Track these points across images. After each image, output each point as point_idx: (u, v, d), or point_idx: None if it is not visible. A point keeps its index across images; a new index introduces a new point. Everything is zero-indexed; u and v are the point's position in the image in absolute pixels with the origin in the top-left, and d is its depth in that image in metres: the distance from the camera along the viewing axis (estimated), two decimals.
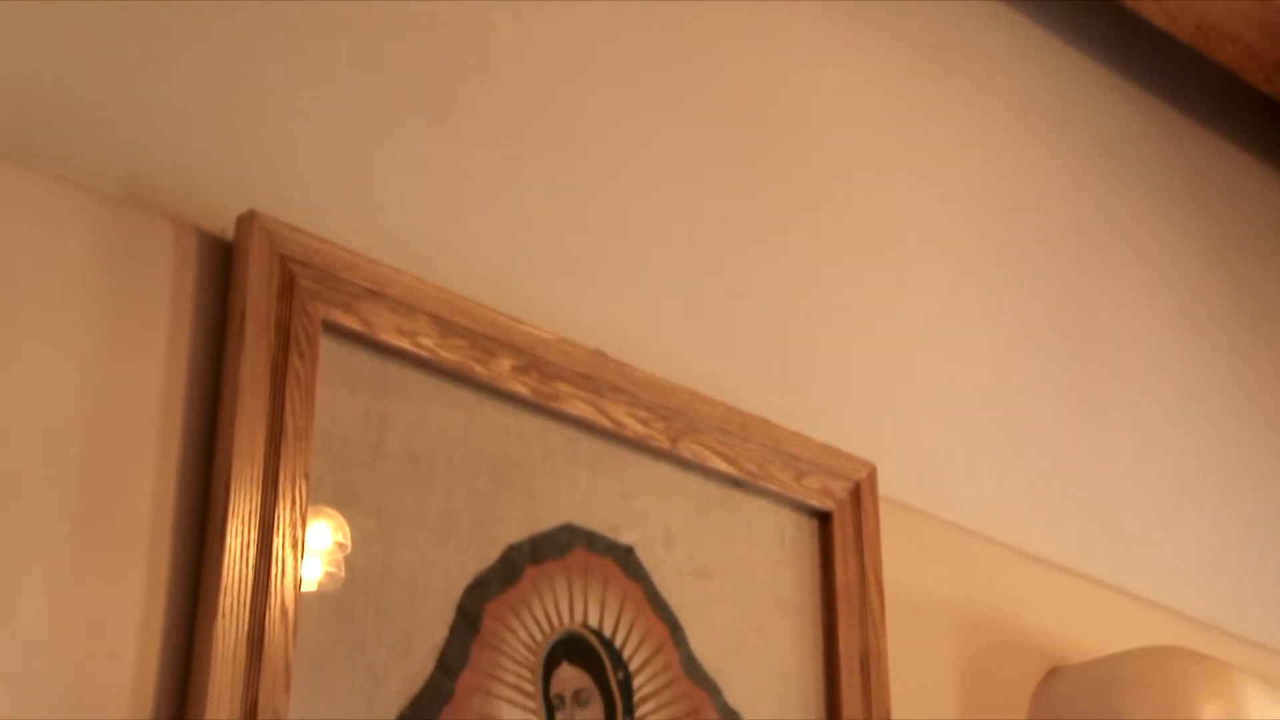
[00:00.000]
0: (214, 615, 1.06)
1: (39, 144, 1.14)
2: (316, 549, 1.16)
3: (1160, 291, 2.25)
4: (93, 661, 1.04)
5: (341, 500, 1.19)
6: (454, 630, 1.22)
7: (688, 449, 1.43)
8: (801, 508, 1.52)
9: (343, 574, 1.17)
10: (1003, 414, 1.90)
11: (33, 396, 1.07)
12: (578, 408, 1.36)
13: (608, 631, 1.33)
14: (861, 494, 1.55)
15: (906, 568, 1.62)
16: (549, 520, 1.32)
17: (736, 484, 1.48)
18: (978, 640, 1.70)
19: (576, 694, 1.29)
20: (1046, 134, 2.14)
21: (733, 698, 1.40)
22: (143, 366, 1.12)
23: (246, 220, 1.18)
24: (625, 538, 1.38)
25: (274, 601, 1.09)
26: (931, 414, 1.80)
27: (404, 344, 1.24)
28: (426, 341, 1.26)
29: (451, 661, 1.21)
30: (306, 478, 1.14)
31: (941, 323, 1.87)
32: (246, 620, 1.08)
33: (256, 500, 1.11)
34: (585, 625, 1.32)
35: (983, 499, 1.80)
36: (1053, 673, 1.74)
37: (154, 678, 1.06)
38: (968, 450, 1.82)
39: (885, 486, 1.60)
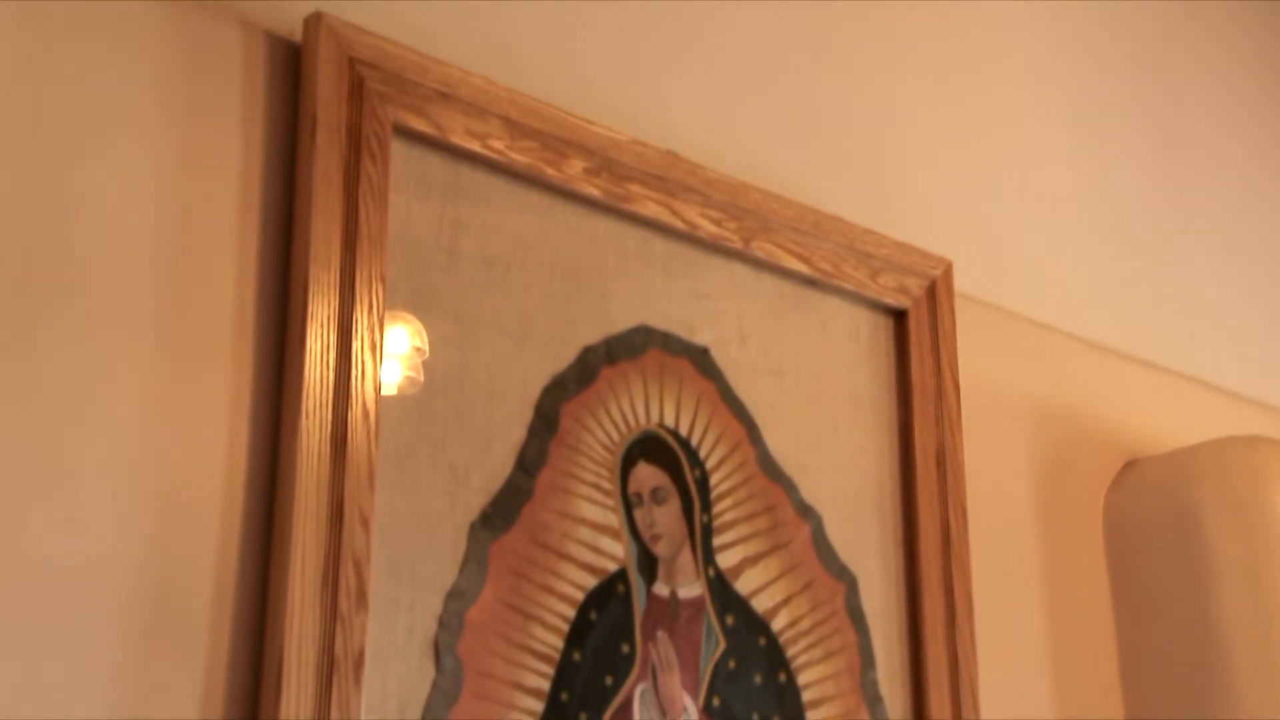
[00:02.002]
0: (297, 416, 1.08)
1: None
2: (395, 352, 1.17)
3: (1245, 81, 2.18)
4: (185, 460, 1.06)
5: (418, 304, 1.20)
6: (532, 430, 1.24)
7: (761, 249, 1.43)
8: (877, 306, 1.52)
9: (421, 377, 1.19)
10: (1080, 207, 1.87)
11: (108, 204, 1.08)
12: (650, 209, 1.35)
13: (684, 430, 1.34)
14: (937, 291, 1.55)
15: (982, 364, 1.62)
16: (623, 322, 1.33)
17: (810, 283, 1.48)
18: (1054, 434, 1.70)
19: (654, 491, 1.31)
20: None
21: (808, 494, 1.42)
22: (216, 172, 1.13)
23: (313, 22, 1.17)
24: (700, 338, 1.38)
25: (355, 403, 1.11)
26: (1008, 209, 1.77)
27: (475, 147, 1.24)
28: (497, 144, 1.25)
29: (531, 460, 1.23)
30: (383, 282, 1.15)
31: (1018, 118, 1.83)
32: (329, 421, 1.10)
33: (334, 305, 1.12)
34: (662, 425, 1.33)
35: (1060, 294, 1.79)
36: (1130, 465, 1.74)
37: (243, 476, 1.09)
38: (1045, 245, 1.80)
39: (961, 283, 1.59)
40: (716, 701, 1.29)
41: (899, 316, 1.53)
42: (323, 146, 1.14)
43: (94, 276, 1.06)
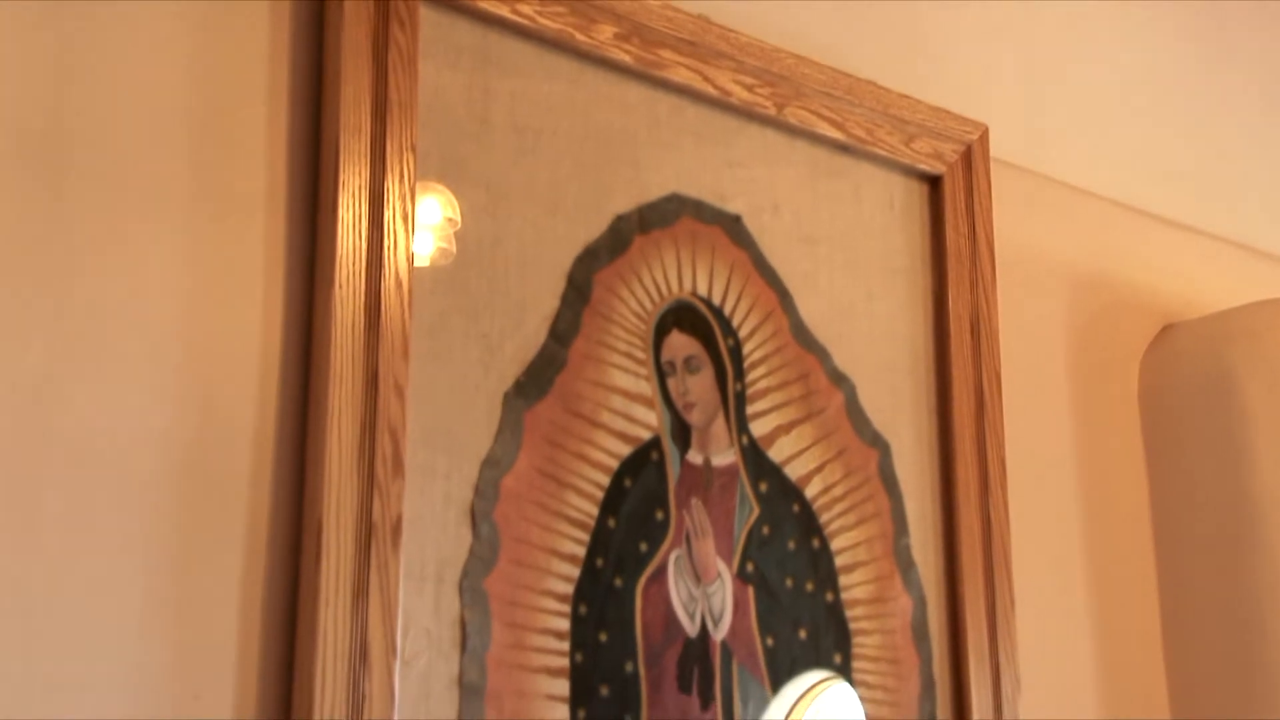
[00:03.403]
0: (331, 286, 1.09)
1: None
2: (427, 223, 1.17)
3: None
4: (220, 331, 1.07)
5: (449, 174, 1.19)
6: (565, 300, 1.24)
7: (794, 115, 1.41)
8: (911, 172, 1.51)
9: (453, 248, 1.19)
10: (1118, 69, 1.84)
11: (138, 76, 1.07)
12: (682, 75, 1.33)
13: (717, 299, 1.34)
14: (973, 156, 1.53)
15: (1018, 229, 1.61)
16: (656, 190, 1.32)
17: (844, 149, 1.46)
18: (1090, 299, 1.69)
19: (687, 360, 1.31)
20: None
21: (841, 361, 1.42)
22: (245, 41, 1.12)
23: None
24: (732, 206, 1.37)
25: (388, 273, 1.11)
26: (1045, 73, 1.74)
27: (504, 12, 1.22)
28: (526, 9, 1.23)
29: (564, 330, 1.23)
30: (414, 150, 1.15)
31: None
32: (362, 291, 1.10)
33: (365, 174, 1.12)
34: (694, 294, 1.33)
35: (1096, 157, 1.77)
36: (1166, 330, 1.73)
37: (278, 346, 1.09)
38: (1081, 108, 1.77)
39: (997, 148, 1.57)
40: (750, 567, 1.30)
41: (934, 182, 1.52)
42: (351, 13, 1.13)
43: (126, 149, 1.06)
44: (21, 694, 0.95)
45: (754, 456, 1.33)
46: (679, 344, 1.31)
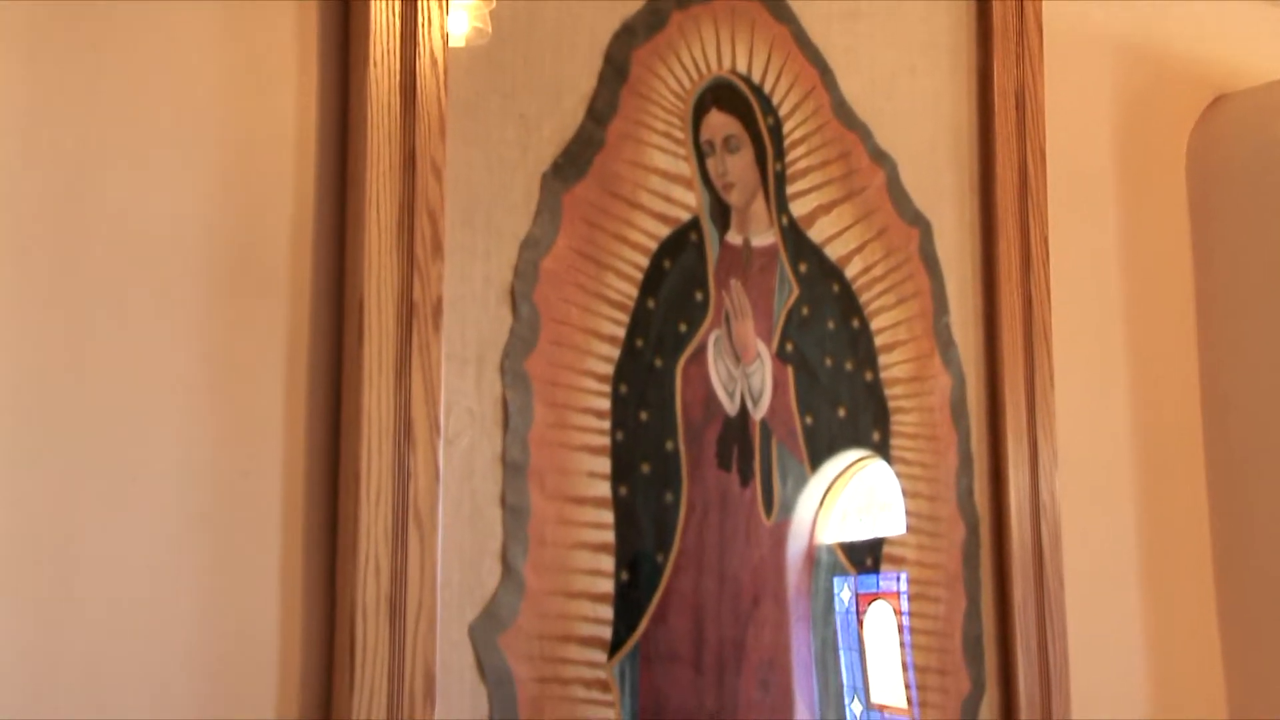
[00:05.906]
0: (365, 64, 1.08)
1: None
2: (461, 1, 1.15)
3: None
4: (255, 114, 1.06)
5: None
6: (602, 79, 1.22)
7: None
8: None
9: (489, 27, 1.17)
10: None
11: None
12: None
13: (756, 77, 1.32)
14: None
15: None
16: None
17: None
18: (1138, 71, 1.65)
19: (727, 140, 1.30)
20: None
21: (883, 139, 1.40)
22: None
23: None
24: None
25: (422, 51, 1.10)
26: None
27: None
28: None
29: (601, 110, 1.22)
30: None
31: None
32: (397, 70, 1.09)
33: None
34: (734, 71, 1.31)
35: None
36: (1217, 101, 1.70)
37: (314, 127, 1.08)
38: None
39: None
40: (789, 346, 1.31)
41: None
42: None
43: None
44: (72, 480, 0.98)
45: (794, 237, 1.32)
46: (718, 123, 1.30)
